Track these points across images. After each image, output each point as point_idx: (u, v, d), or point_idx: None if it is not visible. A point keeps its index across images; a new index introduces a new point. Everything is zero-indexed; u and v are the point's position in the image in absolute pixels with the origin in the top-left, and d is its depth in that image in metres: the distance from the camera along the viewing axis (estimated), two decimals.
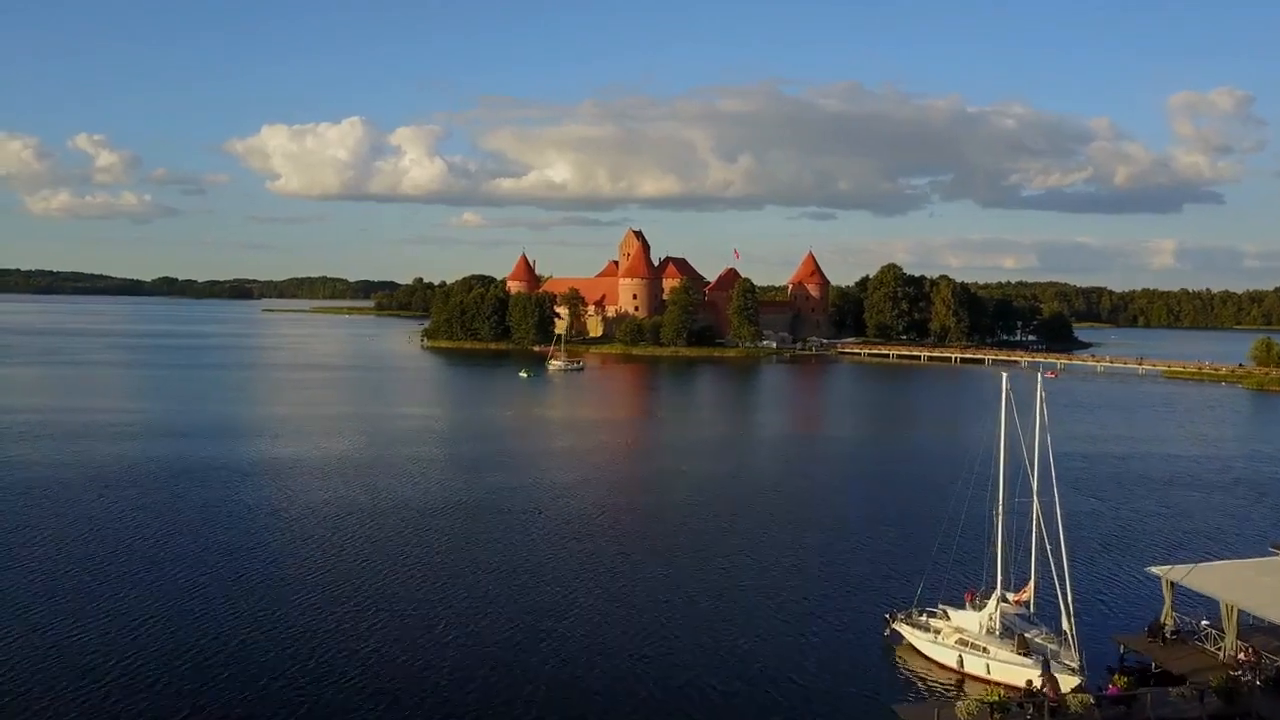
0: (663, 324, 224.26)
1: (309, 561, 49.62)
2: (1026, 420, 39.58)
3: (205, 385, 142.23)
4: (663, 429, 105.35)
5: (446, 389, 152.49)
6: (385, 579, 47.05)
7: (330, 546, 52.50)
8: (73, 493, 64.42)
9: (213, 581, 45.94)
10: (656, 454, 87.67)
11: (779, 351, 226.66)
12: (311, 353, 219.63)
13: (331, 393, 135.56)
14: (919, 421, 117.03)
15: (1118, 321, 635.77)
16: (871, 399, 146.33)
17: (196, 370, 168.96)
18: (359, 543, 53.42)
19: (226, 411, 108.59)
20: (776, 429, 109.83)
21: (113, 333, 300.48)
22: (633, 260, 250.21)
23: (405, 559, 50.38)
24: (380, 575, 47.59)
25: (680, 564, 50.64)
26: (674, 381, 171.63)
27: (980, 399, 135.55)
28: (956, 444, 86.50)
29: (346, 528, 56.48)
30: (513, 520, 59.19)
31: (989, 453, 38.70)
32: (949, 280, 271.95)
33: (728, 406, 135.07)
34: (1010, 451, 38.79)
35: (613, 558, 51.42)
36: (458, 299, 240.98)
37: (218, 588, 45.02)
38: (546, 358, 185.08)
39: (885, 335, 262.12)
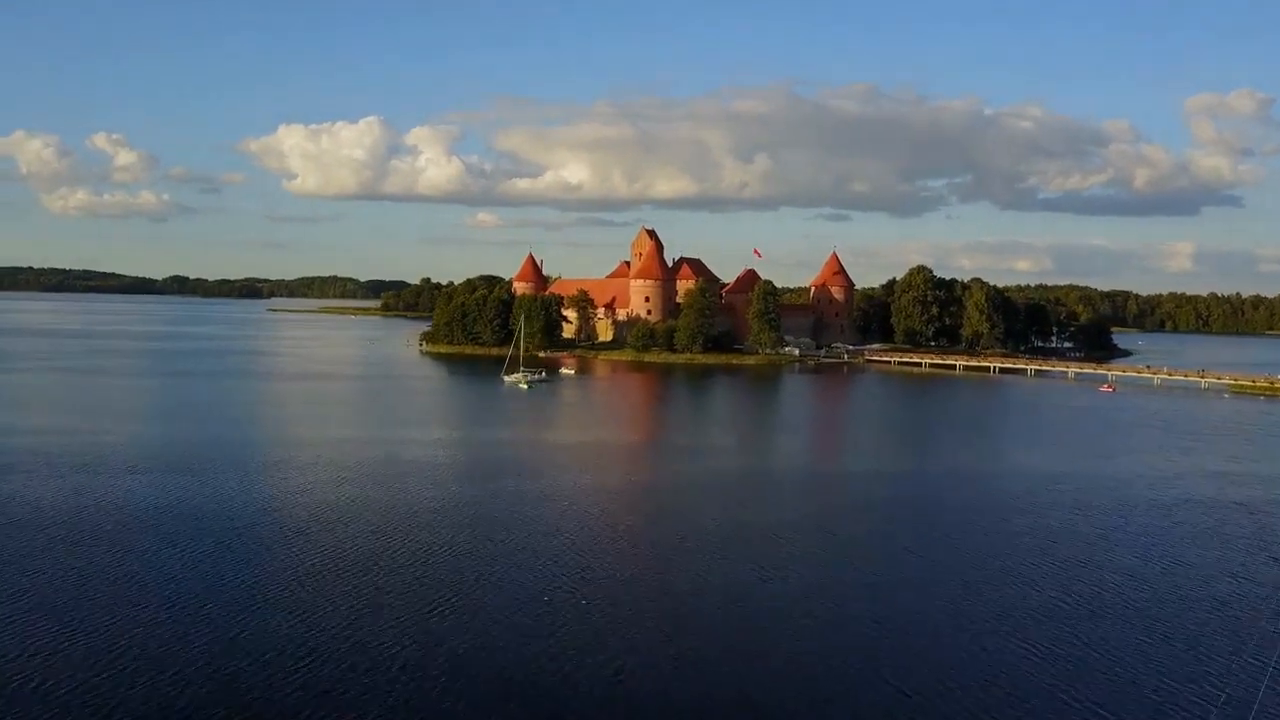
0: (677, 329, 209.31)
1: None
2: (1131, 444, 24.21)
3: (173, 400, 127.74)
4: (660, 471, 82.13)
5: (429, 406, 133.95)
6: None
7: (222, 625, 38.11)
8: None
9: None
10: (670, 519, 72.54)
11: (802, 359, 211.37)
12: (303, 359, 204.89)
13: (301, 412, 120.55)
14: (1018, 449, 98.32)
15: (1144, 325, 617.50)
16: (931, 417, 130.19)
17: (172, 380, 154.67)
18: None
19: (181, 438, 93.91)
20: (860, 464, 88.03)
21: (103, 334, 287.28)
22: (645, 260, 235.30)
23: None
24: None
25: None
26: (682, 395, 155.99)
27: (1056, 419, 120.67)
28: (1109, 478, 72.12)
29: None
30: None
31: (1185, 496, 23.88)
32: (982, 283, 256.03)
33: (757, 427, 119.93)
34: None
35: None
36: (459, 301, 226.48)
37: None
38: (515, 367, 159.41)
39: (913, 341, 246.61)
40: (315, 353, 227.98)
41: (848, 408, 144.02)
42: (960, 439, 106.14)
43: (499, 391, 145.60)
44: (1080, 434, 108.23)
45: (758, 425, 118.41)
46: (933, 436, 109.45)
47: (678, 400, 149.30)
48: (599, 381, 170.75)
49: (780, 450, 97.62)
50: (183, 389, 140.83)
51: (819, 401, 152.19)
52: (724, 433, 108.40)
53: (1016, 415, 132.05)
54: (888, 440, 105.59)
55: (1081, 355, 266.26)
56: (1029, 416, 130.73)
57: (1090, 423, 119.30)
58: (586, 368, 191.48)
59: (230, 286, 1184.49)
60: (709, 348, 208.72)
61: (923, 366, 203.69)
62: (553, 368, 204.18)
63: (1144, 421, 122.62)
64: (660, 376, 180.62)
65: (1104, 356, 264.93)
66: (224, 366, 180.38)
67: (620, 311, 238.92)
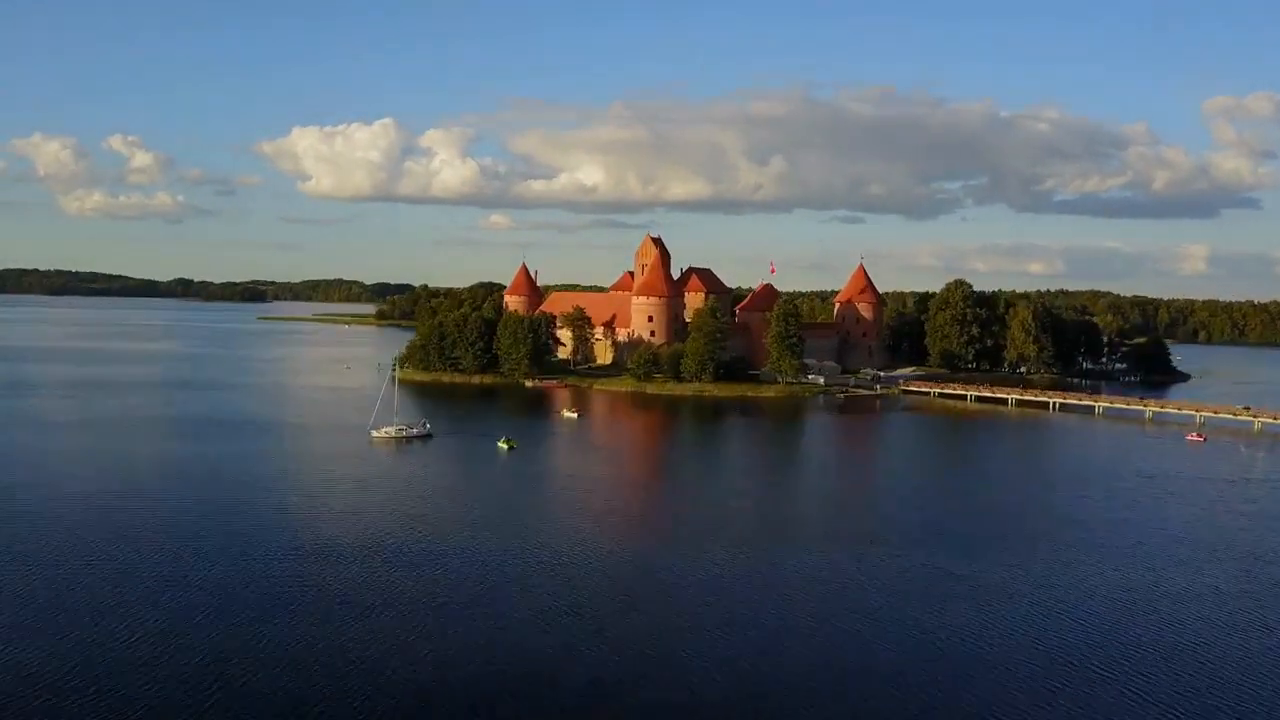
0: (684, 354, 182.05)
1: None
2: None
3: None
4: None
5: (365, 489, 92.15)
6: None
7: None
8: None
9: None
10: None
11: (828, 389, 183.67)
12: (256, 395, 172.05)
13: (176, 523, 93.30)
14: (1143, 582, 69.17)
15: (1176, 336, 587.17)
16: (991, 498, 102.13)
17: (62, 437, 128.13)
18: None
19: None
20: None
21: (40, 353, 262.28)
22: (649, 275, 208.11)
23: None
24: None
25: None
26: (678, 456, 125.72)
27: (1173, 504, 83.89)
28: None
29: None
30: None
31: None
32: (1028, 300, 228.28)
33: (765, 526, 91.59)
34: None
35: None
36: (439, 319, 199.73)
37: None
38: (389, 413, 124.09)
39: (951, 365, 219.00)
40: (282, 381, 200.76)
41: (883, 475, 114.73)
42: (1038, 548, 77.11)
43: (360, 453, 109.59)
44: (1233, 548, 78.37)
45: (766, 521, 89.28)
46: (1001, 544, 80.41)
47: (671, 465, 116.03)
48: (558, 437, 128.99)
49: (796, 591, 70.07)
50: (99, 467, 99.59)
51: (845, 466, 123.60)
52: (720, 539, 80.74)
53: (1102, 493, 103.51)
54: (945, 549, 77.12)
55: (1138, 379, 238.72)
56: (1122, 497, 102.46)
57: (1228, 516, 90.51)
58: (575, 402, 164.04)
59: (233, 290, 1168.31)
60: (720, 376, 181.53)
61: (969, 400, 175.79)
62: (546, 392, 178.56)
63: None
64: (657, 420, 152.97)
65: (1164, 381, 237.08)
66: (180, 414, 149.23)
67: (621, 331, 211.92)
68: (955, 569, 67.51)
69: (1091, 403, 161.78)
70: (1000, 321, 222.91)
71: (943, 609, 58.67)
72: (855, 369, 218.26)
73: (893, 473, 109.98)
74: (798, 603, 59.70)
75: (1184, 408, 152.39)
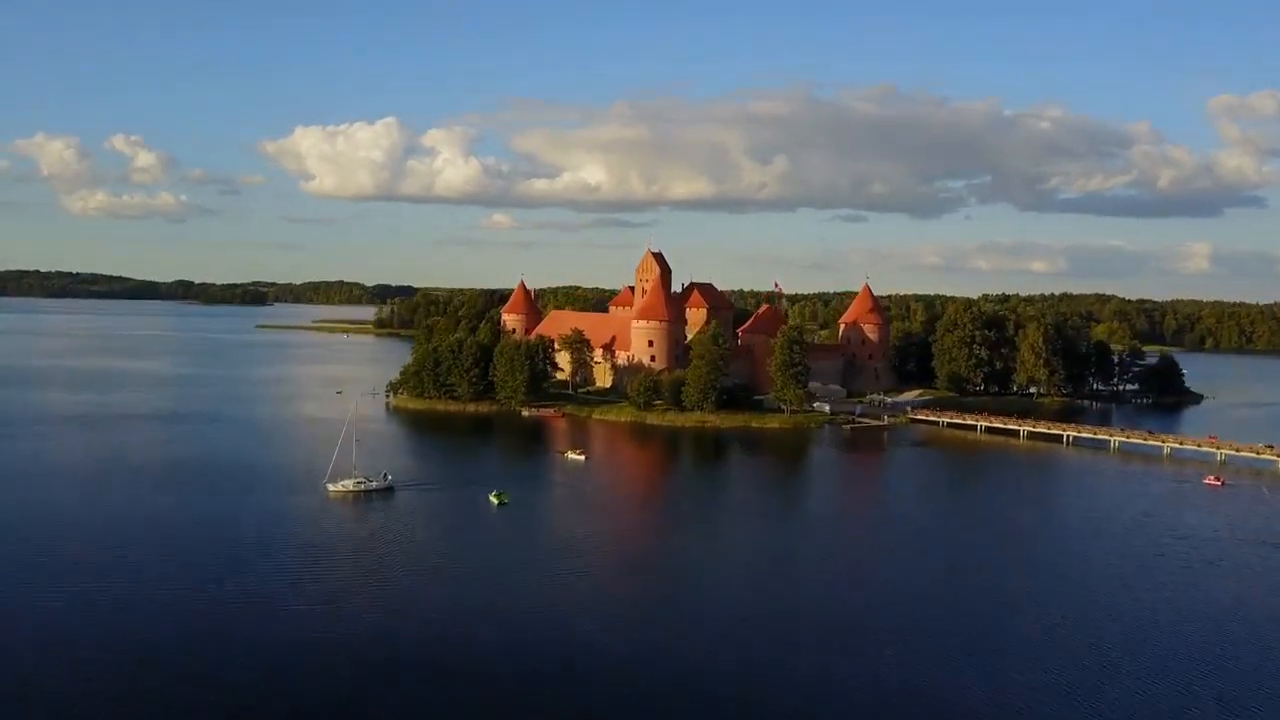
0: (685, 382, 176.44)
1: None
2: None
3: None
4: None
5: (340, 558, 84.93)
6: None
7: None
8: None
9: None
10: None
11: (834, 418, 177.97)
12: (232, 432, 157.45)
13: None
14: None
15: (1184, 343, 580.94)
16: (1002, 553, 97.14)
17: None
18: None
19: None
20: None
21: (22, 377, 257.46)
22: (649, 298, 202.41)
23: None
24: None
25: None
26: (673, 503, 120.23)
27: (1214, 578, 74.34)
28: None
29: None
30: None
31: None
32: (1038, 322, 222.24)
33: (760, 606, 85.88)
34: None
35: None
36: (434, 344, 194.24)
37: None
38: (346, 466, 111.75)
39: (959, 387, 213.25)
40: (270, 413, 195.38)
41: (889, 542, 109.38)
42: (1052, 657, 71.79)
43: (309, 515, 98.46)
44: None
45: (762, 596, 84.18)
46: (1013, 643, 75.36)
47: (675, 528, 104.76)
48: (557, 489, 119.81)
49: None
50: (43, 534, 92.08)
51: (851, 513, 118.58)
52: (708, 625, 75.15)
53: (1116, 555, 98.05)
54: (951, 649, 71.79)
55: (1150, 401, 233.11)
56: (1137, 558, 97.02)
57: (1250, 593, 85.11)
58: (575, 439, 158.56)
59: (234, 293, 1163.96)
60: (723, 403, 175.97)
61: (979, 430, 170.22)
62: (543, 423, 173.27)
63: None
64: (660, 466, 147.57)
65: (1177, 403, 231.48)
66: (145, 461, 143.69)
67: (621, 354, 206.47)
68: (968, 686, 61.92)
69: (1106, 437, 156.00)
70: (1009, 344, 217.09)
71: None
72: (861, 392, 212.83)
73: (898, 539, 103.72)
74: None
75: (1203, 444, 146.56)
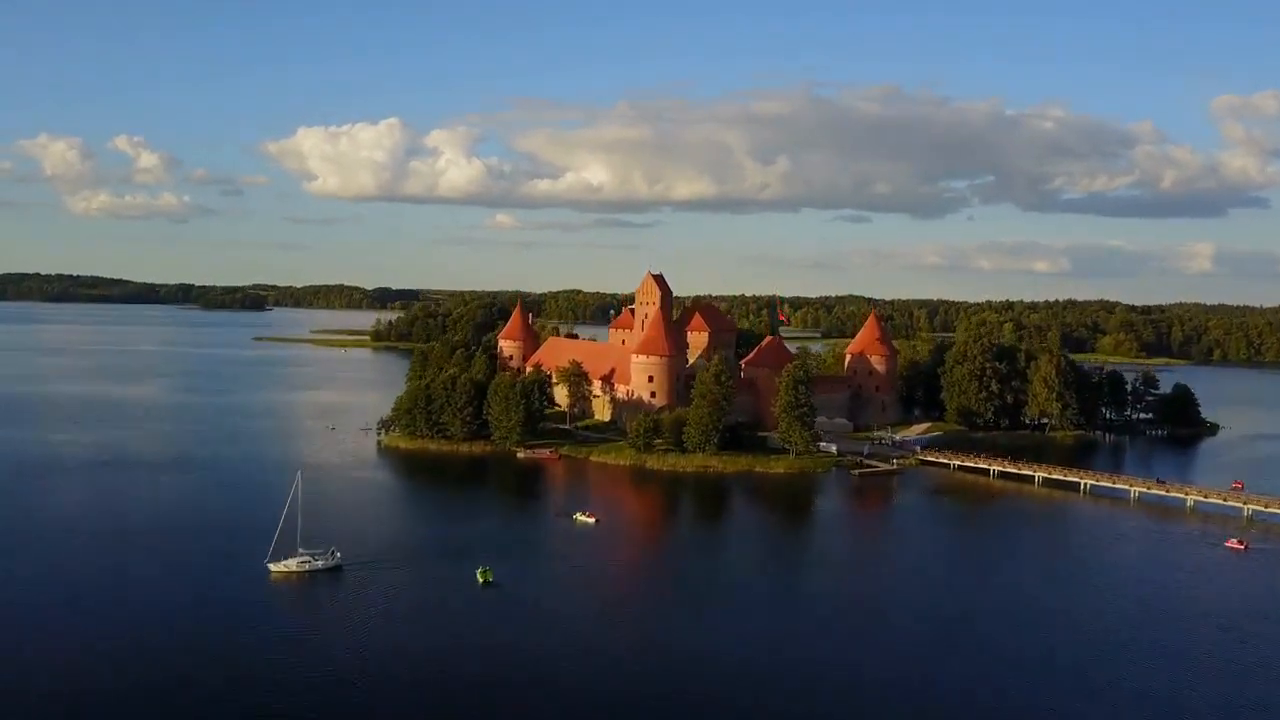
0: (687, 422, 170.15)
1: None
2: None
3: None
4: None
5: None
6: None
7: None
8: None
9: None
10: None
11: (841, 460, 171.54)
12: (200, 482, 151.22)
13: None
14: None
15: (1191, 355, 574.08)
16: (1020, 637, 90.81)
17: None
18: None
19: None
20: None
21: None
22: (649, 331, 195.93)
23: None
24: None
25: None
26: (665, 575, 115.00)
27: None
28: None
29: None
30: None
31: None
32: (1050, 353, 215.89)
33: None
34: None
35: None
36: (426, 380, 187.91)
37: None
38: (289, 544, 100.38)
39: (969, 421, 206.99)
40: (225, 455, 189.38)
41: (896, 613, 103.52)
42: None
43: (242, 607, 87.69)
44: None
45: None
46: None
47: (674, 599, 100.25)
48: (556, 563, 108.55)
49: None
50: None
51: (856, 593, 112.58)
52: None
53: (1130, 631, 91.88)
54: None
55: (1165, 433, 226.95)
56: (1152, 636, 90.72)
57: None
58: (575, 486, 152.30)
59: (233, 298, 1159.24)
60: (726, 444, 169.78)
61: (991, 475, 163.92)
62: (540, 465, 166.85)
63: None
64: (662, 516, 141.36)
65: (1193, 436, 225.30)
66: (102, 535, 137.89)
67: (620, 388, 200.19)
68: None
69: (1126, 487, 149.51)
70: (1021, 376, 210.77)
71: None
72: (868, 426, 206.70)
73: (904, 628, 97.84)
74: None
75: (1229, 498, 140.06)
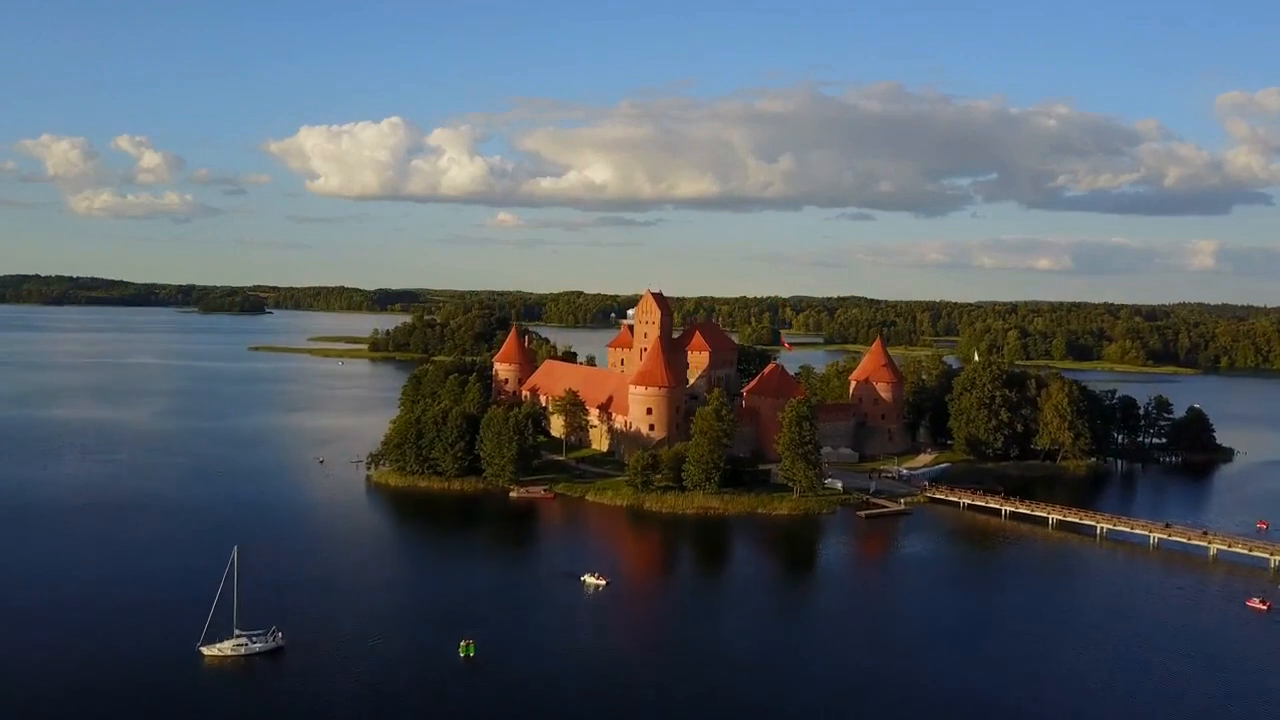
0: (687, 458, 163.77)
1: None
2: None
3: None
4: None
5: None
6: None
7: None
8: None
9: None
10: None
11: (847, 498, 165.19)
12: (157, 536, 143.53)
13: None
14: None
15: (1198, 363, 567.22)
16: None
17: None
18: None
19: None
20: None
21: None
22: (648, 362, 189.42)
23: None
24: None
25: None
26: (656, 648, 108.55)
27: None
28: None
29: None
30: None
31: None
32: (1061, 380, 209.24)
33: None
34: None
35: None
36: (418, 414, 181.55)
37: None
38: (226, 624, 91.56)
39: (978, 451, 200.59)
40: (194, 498, 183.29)
41: (903, 692, 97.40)
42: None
43: (171, 694, 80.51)
44: None
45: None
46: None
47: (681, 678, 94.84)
48: (551, 636, 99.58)
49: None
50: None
51: (866, 656, 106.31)
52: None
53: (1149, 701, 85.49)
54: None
55: (1179, 459, 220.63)
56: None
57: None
58: (565, 522, 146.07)
59: (232, 301, 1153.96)
60: (727, 482, 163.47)
61: (1003, 515, 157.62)
62: (534, 505, 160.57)
63: None
64: (656, 562, 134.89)
65: (1208, 462, 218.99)
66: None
67: (618, 418, 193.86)
68: None
69: (1145, 533, 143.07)
70: (1031, 404, 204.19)
71: None
72: (874, 456, 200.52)
73: (913, 691, 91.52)
74: None
75: (1254, 548, 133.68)
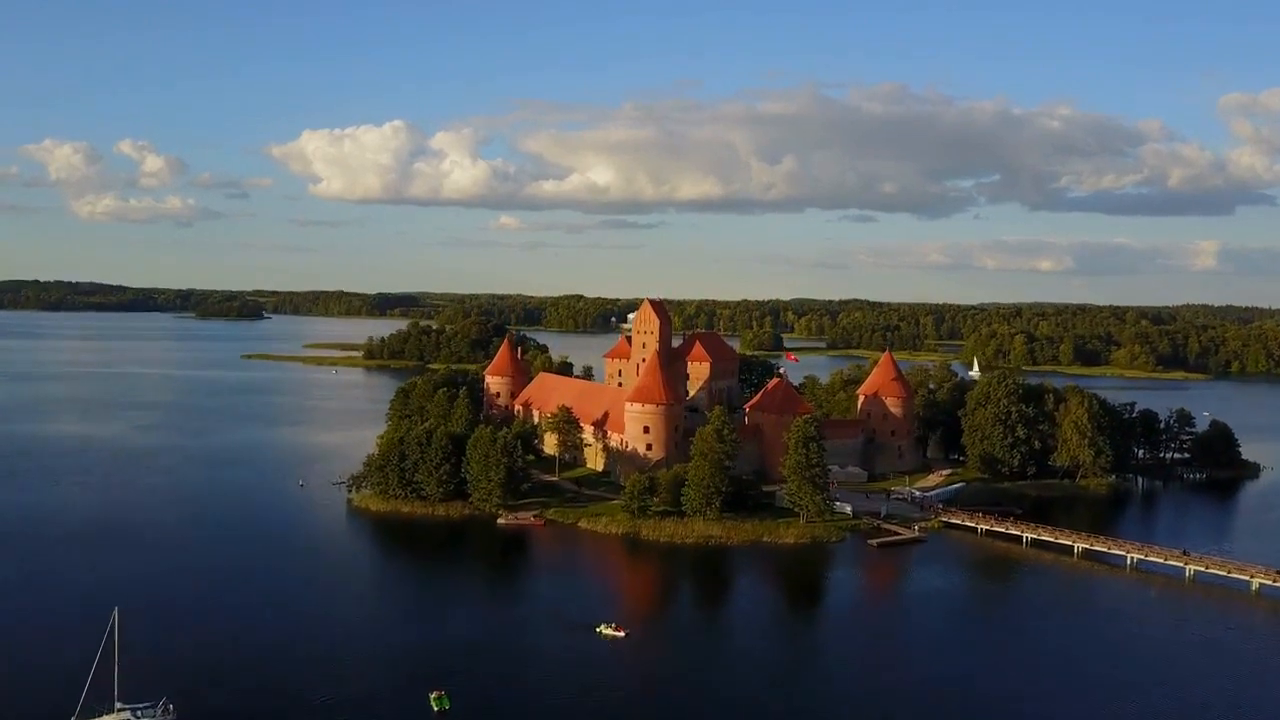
0: (687, 480, 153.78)
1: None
2: None
3: None
4: None
5: None
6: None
7: None
8: None
9: None
10: None
11: (857, 524, 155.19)
12: (112, 567, 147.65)
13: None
14: None
15: (1208, 368, 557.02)
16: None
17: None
18: None
19: None
20: None
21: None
22: (645, 378, 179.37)
23: None
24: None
25: None
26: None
27: None
28: None
29: None
30: None
31: None
32: (1081, 394, 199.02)
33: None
34: None
35: None
36: (401, 434, 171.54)
37: None
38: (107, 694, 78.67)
39: (993, 469, 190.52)
40: (153, 539, 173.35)
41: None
42: None
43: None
44: None
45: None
46: None
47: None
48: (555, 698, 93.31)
49: None
50: None
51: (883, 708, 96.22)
52: None
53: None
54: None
55: (1204, 476, 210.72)
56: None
57: None
58: (557, 552, 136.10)
59: (230, 306, 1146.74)
60: (729, 505, 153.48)
61: (1025, 544, 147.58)
62: (524, 533, 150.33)
63: None
64: (647, 599, 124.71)
65: (1233, 479, 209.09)
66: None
67: (614, 436, 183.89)
68: None
69: (1180, 564, 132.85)
70: (1049, 419, 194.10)
71: None
72: (884, 475, 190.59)
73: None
74: None
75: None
